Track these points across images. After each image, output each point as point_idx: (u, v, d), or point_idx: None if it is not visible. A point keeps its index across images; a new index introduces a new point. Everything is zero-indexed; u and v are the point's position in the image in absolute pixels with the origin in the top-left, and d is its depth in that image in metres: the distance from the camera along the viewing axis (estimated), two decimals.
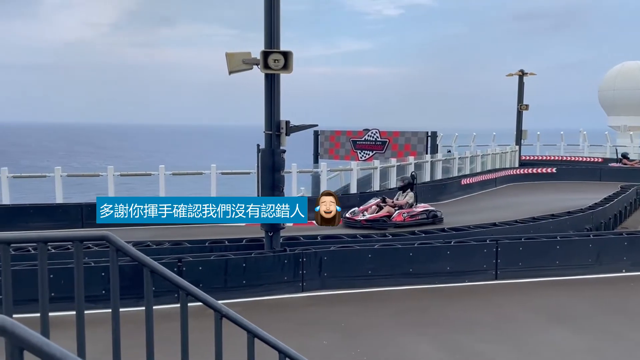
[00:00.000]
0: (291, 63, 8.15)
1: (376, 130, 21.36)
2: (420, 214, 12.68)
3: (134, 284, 4.73)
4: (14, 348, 1.52)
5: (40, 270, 2.67)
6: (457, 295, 7.76)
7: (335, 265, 7.96)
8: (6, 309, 2.64)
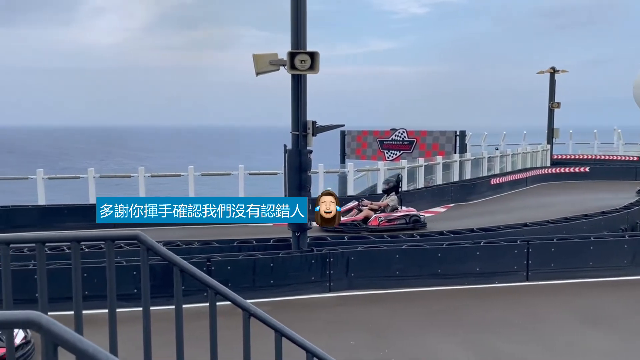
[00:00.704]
0: (317, 63, 8.17)
1: (403, 130, 21.21)
2: (399, 219, 12.12)
3: (164, 283, 4.82)
4: (49, 344, 1.56)
5: (74, 269, 2.74)
6: (487, 297, 7.65)
7: (362, 265, 7.93)
8: (42, 306, 2.71)
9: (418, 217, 12.43)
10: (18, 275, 5.37)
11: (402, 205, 12.62)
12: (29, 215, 12.64)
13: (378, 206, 12.39)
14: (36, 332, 1.57)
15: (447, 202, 16.18)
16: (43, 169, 14.39)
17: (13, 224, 12.17)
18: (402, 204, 12.65)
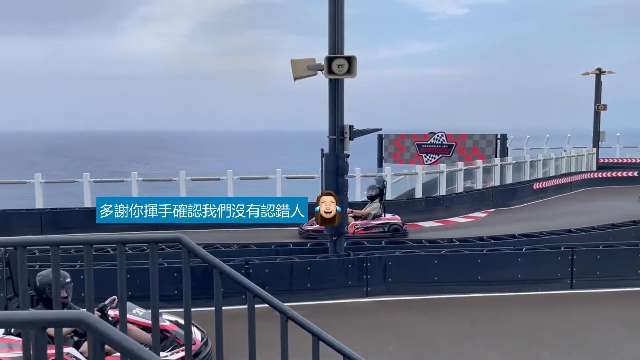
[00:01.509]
0: (355, 68, 8.17)
1: (442, 133, 20.91)
2: (377, 227, 11.82)
3: (204, 284, 4.93)
4: (96, 342, 1.62)
5: (120, 270, 2.83)
6: (529, 304, 7.45)
7: (400, 270, 7.86)
8: (88, 305, 2.82)
9: (398, 226, 12.07)
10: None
11: (385, 212, 12.29)
12: (75, 217, 13.09)
13: (360, 214, 12.16)
14: (84, 330, 1.63)
15: (487, 207, 15.87)
16: (89, 173, 14.92)
17: (61, 225, 12.64)
18: (385, 211, 12.33)
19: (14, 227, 12.31)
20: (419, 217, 14.30)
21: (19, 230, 11.92)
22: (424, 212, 14.54)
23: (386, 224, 11.97)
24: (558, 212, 15.41)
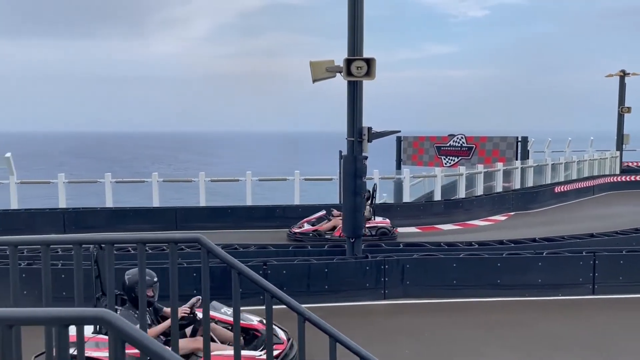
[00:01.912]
0: (374, 70, 8.16)
1: (462, 136, 20.73)
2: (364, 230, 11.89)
3: (222, 284, 4.96)
4: (117, 340, 1.65)
5: (140, 270, 2.87)
6: (549, 309, 7.34)
7: (418, 273, 7.82)
8: (109, 303, 2.86)
9: (386, 229, 11.97)
10: (85, 274, 5.67)
11: (374, 216, 12.20)
12: (97, 217, 13.31)
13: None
14: (105, 328, 1.66)
15: (508, 210, 15.69)
16: (111, 173, 15.14)
17: (83, 225, 12.87)
18: (375, 214, 12.23)
19: (38, 226, 12.57)
20: (438, 220, 14.21)
21: (42, 229, 12.17)
22: (443, 215, 14.44)
23: (374, 227, 11.92)
24: (580, 216, 15.17)
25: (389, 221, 12.25)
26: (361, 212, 8.82)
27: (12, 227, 12.23)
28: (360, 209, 8.77)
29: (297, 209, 13.75)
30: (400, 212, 14.06)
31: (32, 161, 49.56)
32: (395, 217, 13.86)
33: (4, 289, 3.12)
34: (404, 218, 13.86)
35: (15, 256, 2.80)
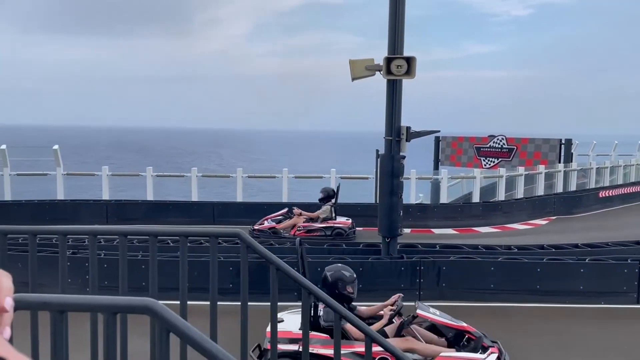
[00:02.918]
0: (414, 68, 8.09)
1: (503, 137, 20.28)
2: (320, 230, 11.59)
3: (257, 279, 5.02)
4: (162, 330, 1.70)
5: (182, 262, 2.94)
6: (591, 318, 7.12)
7: (454, 276, 7.71)
8: (152, 294, 2.94)
9: (342, 230, 11.79)
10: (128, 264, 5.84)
11: (336, 216, 12.04)
12: (138, 209, 13.67)
13: (310, 216, 11.98)
14: (151, 317, 1.71)
15: (549, 215, 15.27)
16: (152, 167, 15.52)
17: (125, 217, 13.25)
18: (336, 214, 12.06)
19: (82, 216, 13.03)
20: (476, 222, 13.96)
21: (86, 220, 12.61)
22: (481, 217, 14.18)
23: (330, 228, 11.80)
24: (625, 222, 14.61)
25: (349, 222, 12.12)
26: (398, 212, 8.75)
27: (57, 216, 12.72)
28: (396, 208, 8.71)
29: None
30: (437, 213, 13.89)
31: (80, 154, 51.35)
32: (432, 219, 13.70)
33: (50, 276, 3.25)
34: (440, 219, 13.68)
35: (64, 245, 2.92)
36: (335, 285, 4.97)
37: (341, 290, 5.02)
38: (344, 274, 5.12)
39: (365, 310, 5.37)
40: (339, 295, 4.97)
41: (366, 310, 5.37)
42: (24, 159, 16.45)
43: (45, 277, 3.36)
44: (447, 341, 5.00)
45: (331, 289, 4.96)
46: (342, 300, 5.07)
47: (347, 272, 5.15)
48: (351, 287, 5.02)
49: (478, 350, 4.84)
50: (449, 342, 4.99)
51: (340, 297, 5.00)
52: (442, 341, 5.01)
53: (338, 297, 4.94)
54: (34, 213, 12.97)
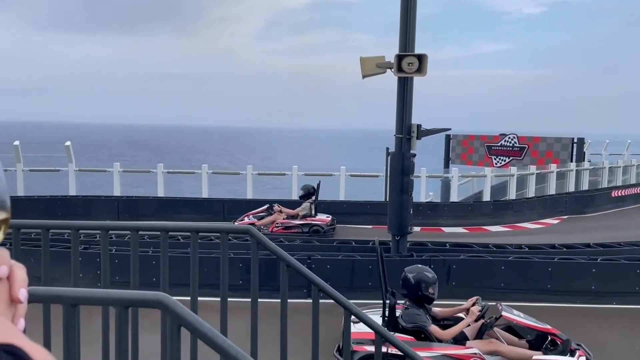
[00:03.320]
0: (425, 66, 8.05)
1: (514, 135, 20.13)
2: (297, 227, 11.66)
3: (268, 276, 5.04)
4: (174, 324, 1.70)
5: (192, 258, 2.96)
6: (602, 318, 7.05)
7: (464, 274, 7.68)
8: (162, 289, 2.96)
9: (319, 227, 11.81)
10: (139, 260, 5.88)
11: (316, 213, 12.10)
12: (149, 205, 13.76)
13: (290, 213, 12.04)
14: (163, 312, 1.72)
15: (560, 214, 15.15)
16: (163, 164, 15.61)
17: (136, 213, 13.33)
18: (316, 211, 12.12)
19: (94, 212, 13.14)
20: (486, 221, 13.88)
21: (98, 215, 12.71)
22: (492, 216, 14.10)
23: (307, 225, 11.83)
24: (638, 222, 14.46)
25: (328, 219, 12.16)
26: (408, 210, 8.73)
27: (70, 212, 12.83)
28: (406, 206, 8.69)
29: (342, 205, 13.77)
30: (447, 212, 13.83)
31: (93, 151, 51.78)
32: (442, 217, 13.64)
33: (63, 271, 3.28)
34: (451, 218, 13.63)
35: (76, 240, 2.94)
36: (419, 287, 4.91)
37: (424, 291, 4.96)
38: (427, 275, 5.05)
39: (440, 312, 5.29)
40: (421, 296, 4.92)
41: (440, 312, 5.29)
42: (36, 155, 16.62)
43: (57, 271, 3.39)
44: (528, 343, 4.88)
45: (414, 291, 4.92)
46: (424, 301, 5.02)
47: (429, 273, 5.09)
48: (433, 289, 4.96)
49: (567, 353, 4.71)
50: (529, 344, 4.88)
51: (423, 298, 4.95)
52: (523, 343, 4.90)
53: (421, 298, 4.94)
54: (46, 208, 13.11)
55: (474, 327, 4.86)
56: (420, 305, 5.01)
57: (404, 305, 5.03)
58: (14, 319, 0.63)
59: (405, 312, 4.95)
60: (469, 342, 4.76)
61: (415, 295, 4.95)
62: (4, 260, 0.63)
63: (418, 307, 4.95)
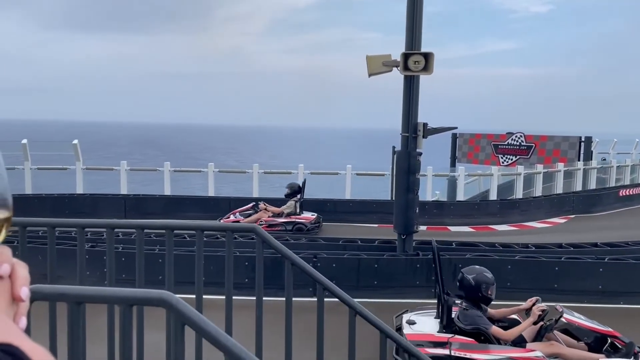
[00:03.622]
0: (432, 64, 8.02)
1: (521, 134, 20.04)
2: (281, 225, 11.70)
3: (273, 274, 5.03)
4: (177, 323, 1.71)
5: (197, 256, 2.96)
6: (609, 317, 6.97)
7: None
8: (168, 287, 2.96)
9: (302, 225, 11.82)
10: (144, 258, 5.89)
11: (301, 211, 12.15)
12: (156, 203, 13.79)
13: (275, 211, 12.07)
14: (167, 310, 1.72)
15: (567, 213, 15.06)
16: (169, 162, 15.65)
17: (143, 211, 13.37)
18: (301, 209, 12.18)
19: (101, 210, 13.18)
20: (493, 220, 13.82)
21: (105, 213, 12.75)
22: (498, 215, 14.04)
23: (291, 222, 11.86)
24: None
25: (313, 217, 12.17)
26: (413, 209, 8.71)
27: (77, 210, 12.89)
28: (412, 205, 8.66)
29: (348, 204, 13.76)
30: (453, 211, 13.78)
31: (102, 149, 52.01)
32: (448, 216, 13.59)
33: (69, 268, 3.30)
34: (457, 217, 13.58)
35: (82, 238, 2.96)
36: (479, 289, 4.85)
37: (485, 293, 4.91)
38: (487, 276, 4.99)
39: (495, 313, 5.21)
40: (482, 298, 4.87)
41: (496, 313, 5.21)
42: (44, 153, 16.71)
43: (64, 269, 3.41)
44: (587, 345, 4.82)
45: (473, 292, 4.87)
46: (482, 303, 4.97)
47: (488, 274, 5.03)
48: (492, 290, 4.91)
49: (630, 356, 4.63)
50: (588, 346, 4.81)
51: (483, 299, 4.90)
52: (582, 345, 4.83)
53: (481, 300, 4.90)
54: (54, 206, 13.16)
55: (532, 329, 4.78)
56: (477, 307, 4.94)
57: (461, 306, 4.94)
58: (16, 317, 0.63)
59: (463, 313, 4.88)
60: (528, 345, 4.68)
61: (475, 296, 4.88)
62: (6, 258, 0.62)
63: (476, 309, 4.88)
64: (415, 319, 5.17)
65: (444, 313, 4.99)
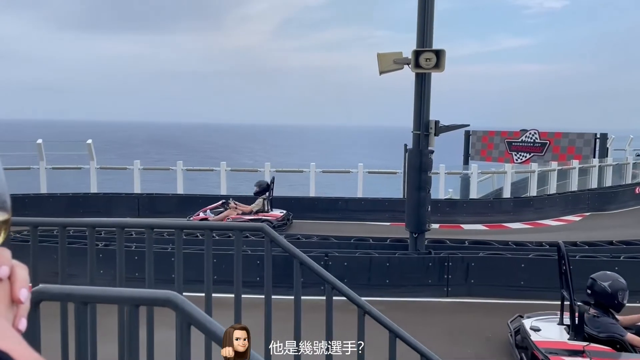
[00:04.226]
0: (443, 62, 7.96)
1: (535, 131, 19.82)
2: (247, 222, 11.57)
3: (284, 273, 5.03)
4: (183, 323, 1.71)
5: (207, 255, 2.97)
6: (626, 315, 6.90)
7: (483, 272, 7.59)
8: (177, 287, 2.98)
9: (269, 223, 11.50)
10: (156, 256, 5.93)
11: (271, 208, 12.27)
12: (169, 202, 13.89)
13: (244, 209, 12.10)
14: (173, 310, 1.73)
15: (582, 211, 14.88)
16: (182, 161, 15.74)
17: (156, 210, 13.48)
18: (271, 207, 12.30)
19: (114, 209, 13.31)
20: (506, 218, 13.71)
21: (118, 212, 12.88)
22: (512, 213, 13.92)
23: (257, 220, 11.75)
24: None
25: (281, 215, 12.23)
26: (425, 207, 8.66)
27: (91, 209, 13.03)
28: (424, 203, 8.62)
29: (360, 202, 13.73)
30: (466, 209, 13.69)
31: (118, 149, 52.53)
32: (461, 214, 13.51)
33: (82, 267, 3.33)
34: (470, 215, 13.48)
35: (93, 237, 2.98)
36: (616, 296, 4.77)
37: (621, 300, 4.83)
38: (622, 283, 4.89)
39: (624, 320, 5.08)
40: (617, 305, 4.79)
41: (624, 320, 5.09)
42: (59, 153, 16.90)
43: (78, 267, 3.44)
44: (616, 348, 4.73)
45: (609, 299, 4.78)
46: (616, 310, 4.88)
47: (622, 280, 4.93)
48: (626, 296, 4.84)
49: None
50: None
51: (617, 306, 4.81)
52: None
53: (614, 307, 4.81)
54: (68, 206, 13.32)
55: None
56: (608, 313, 4.85)
57: (589, 313, 4.84)
58: (16, 319, 0.63)
59: (594, 320, 4.78)
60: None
61: (610, 303, 4.78)
62: (5, 260, 0.62)
63: (608, 315, 4.79)
64: (538, 325, 5.05)
65: (573, 320, 4.83)
